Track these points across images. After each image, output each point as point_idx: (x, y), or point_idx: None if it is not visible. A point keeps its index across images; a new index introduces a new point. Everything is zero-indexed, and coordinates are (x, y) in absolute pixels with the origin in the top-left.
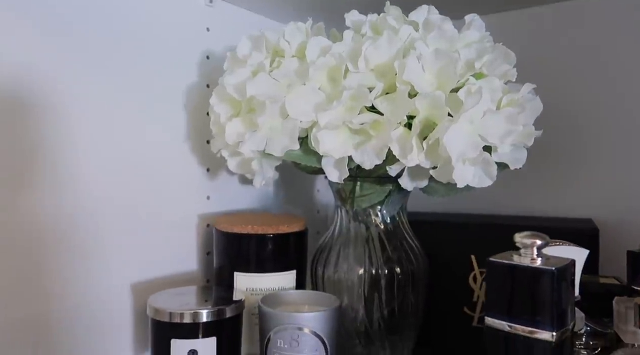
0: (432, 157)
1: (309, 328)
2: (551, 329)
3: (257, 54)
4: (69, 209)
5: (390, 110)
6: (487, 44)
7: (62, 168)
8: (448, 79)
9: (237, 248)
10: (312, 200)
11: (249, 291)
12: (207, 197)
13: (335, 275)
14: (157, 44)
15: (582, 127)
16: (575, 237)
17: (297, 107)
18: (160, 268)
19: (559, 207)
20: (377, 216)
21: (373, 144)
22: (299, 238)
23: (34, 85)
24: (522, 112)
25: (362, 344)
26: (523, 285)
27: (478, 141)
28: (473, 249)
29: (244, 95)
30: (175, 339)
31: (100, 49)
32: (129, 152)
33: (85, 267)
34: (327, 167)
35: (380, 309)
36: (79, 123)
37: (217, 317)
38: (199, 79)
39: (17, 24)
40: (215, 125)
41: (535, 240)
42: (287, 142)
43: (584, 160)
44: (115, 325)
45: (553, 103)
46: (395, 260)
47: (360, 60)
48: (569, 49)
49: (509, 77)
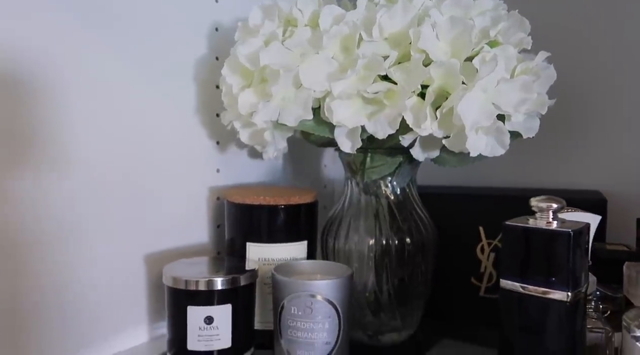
0: (446, 126)
1: (322, 295)
2: (566, 289)
3: (270, 23)
4: (77, 183)
5: (404, 79)
6: (502, 12)
7: (66, 145)
8: (463, 47)
9: (249, 219)
10: (320, 174)
11: (261, 261)
12: (217, 170)
13: (346, 246)
14: (164, 16)
15: (591, 100)
16: (584, 207)
17: (311, 76)
18: (171, 241)
19: (567, 180)
20: (387, 187)
21: (386, 114)
22: (309, 209)
23: (33, 63)
24: (537, 80)
25: (372, 313)
26: (539, 248)
27: (492, 110)
28: (481, 220)
29: (257, 65)
30: (191, 306)
31: (104, 22)
32: (136, 128)
33: (96, 241)
34: (339, 137)
35: (390, 278)
36: (83, 98)
37: (232, 285)
38: (208, 51)
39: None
40: (227, 96)
41: (552, 204)
42: (300, 112)
43: (593, 133)
44: (129, 296)
45: (562, 73)
46: (405, 231)
47: (374, 28)
48: (583, 16)
49: (523, 45)
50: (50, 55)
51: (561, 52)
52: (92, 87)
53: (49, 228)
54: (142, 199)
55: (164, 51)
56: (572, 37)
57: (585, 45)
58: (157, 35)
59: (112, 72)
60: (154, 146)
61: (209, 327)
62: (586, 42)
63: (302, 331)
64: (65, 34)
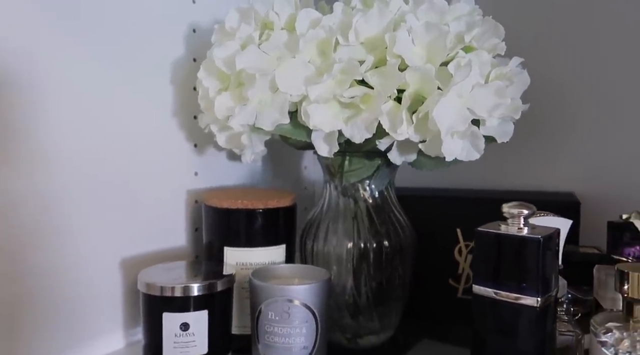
0: (422, 131)
1: (300, 300)
2: (536, 294)
3: (246, 26)
4: (52, 187)
5: (380, 83)
6: (477, 17)
7: (42, 145)
8: (438, 52)
9: (227, 223)
10: (300, 176)
11: (239, 265)
12: (194, 173)
13: (324, 249)
14: (141, 16)
15: (564, 104)
16: (558, 209)
17: (287, 80)
18: (148, 244)
19: (542, 181)
20: (365, 191)
21: (363, 118)
22: (288, 213)
23: (8, 59)
24: (511, 86)
25: (350, 315)
26: (510, 254)
27: (467, 114)
28: (458, 222)
29: (234, 69)
30: (167, 313)
31: (80, 20)
32: (113, 129)
33: (72, 244)
34: (316, 141)
35: (369, 281)
36: (58, 98)
37: (209, 291)
38: (185, 52)
39: None
40: (203, 99)
41: (522, 210)
42: (277, 116)
43: (566, 136)
44: (105, 301)
45: (536, 77)
46: (383, 234)
47: (350, 33)
48: (555, 22)
49: (498, 51)
50: (27, 56)
51: (534, 57)
52: (68, 87)
53: (24, 231)
54: (118, 201)
55: (141, 52)
56: (545, 42)
57: (558, 50)
58: (134, 35)
59: (89, 73)
60: (131, 149)
61: (185, 334)
62: (559, 47)
63: (280, 336)
64: (42, 34)
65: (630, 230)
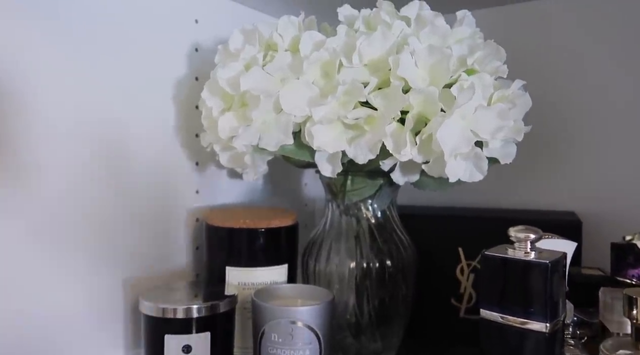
0: (425, 152)
1: (303, 322)
2: (545, 320)
3: (250, 47)
4: (53, 204)
5: (384, 105)
6: (479, 40)
7: (38, 161)
8: (441, 74)
9: (229, 242)
10: (300, 193)
11: (241, 285)
12: (196, 191)
13: (326, 269)
14: (143, 34)
15: (565, 125)
16: (560, 229)
17: (291, 101)
18: (149, 263)
19: (543, 201)
20: (367, 210)
21: (367, 139)
22: (290, 232)
23: (4, 76)
24: (513, 108)
25: (352, 335)
26: (517, 278)
27: (470, 136)
28: (460, 241)
29: (237, 90)
30: (169, 335)
31: (82, 37)
32: (113, 146)
33: (71, 264)
34: (320, 161)
35: (371, 300)
36: (56, 115)
37: (211, 312)
38: (188, 71)
39: None
40: (206, 119)
41: (529, 234)
42: (281, 137)
43: (568, 156)
44: (106, 321)
45: (537, 99)
46: (385, 253)
47: (354, 55)
48: (554, 45)
49: (499, 73)
50: (23, 70)
51: (536, 80)
52: (66, 104)
53: (25, 247)
54: (119, 220)
55: (143, 69)
56: (546, 65)
57: (559, 72)
58: (136, 53)
59: (88, 89)
60: (132, 166)
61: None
62: (560, 69)
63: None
64: (41, 51)
65: (633, 252)
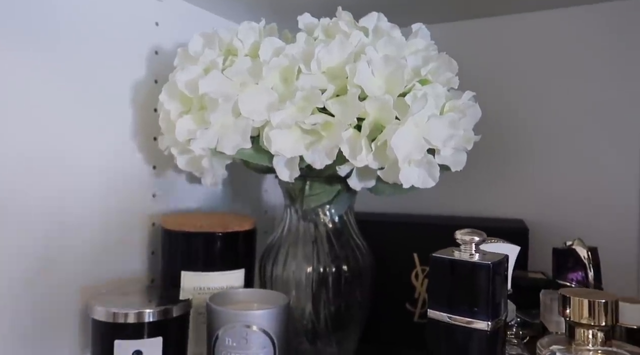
0: (380, 158)
1: (258, 325)
2: (486, 318)
3: (210, 51)
4: (5, 208)
5: (341, 111)
6: (433, 53)
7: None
8: (396, 84)
9: (185, 247)
10: (260, 200)
11: (196, 290)
12: (152, 195)
13: (284, 274)
14: (102, 36)
15: (514, 136)
16: (508, 235)
17: (250, 105)
18: (104, 267)
19: (493, 209)
20: (325, 215)
21: (324, 144)
22: (248, 237)
23: None
24: (463, 118)
25: (309, 340)
26: (462, 279)
27: (423, 144)
28: (415, 247)
29: (196, 93)
30: (118, 340)
31: (39, 40)
32: (70, 149)
33: (24, 268)
34: (278, 166)
35: (328, 306)
36: (7, 116)
37: (164, 317)
38: (147, 74)
39: None
40: (164, 122)
41: (474, 237)
42: (239, 141)
43: (517, 166)
44: (56, 326)
45: (487, 110)
46: (342, 258)
47: (312, 62)
48: (503, 60)
49: (451, 84)
50: None
51: (486, 91)
52: (20, 107)
53: None
54: (73, 224)
55: (101, 72)
56: (495, 77)
57: (509, 84)
58: (94, 55)
59: (44, 92)
60: (87, 169)
61: None
62: (509, 82)
63: None
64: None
65: (573, 257)
